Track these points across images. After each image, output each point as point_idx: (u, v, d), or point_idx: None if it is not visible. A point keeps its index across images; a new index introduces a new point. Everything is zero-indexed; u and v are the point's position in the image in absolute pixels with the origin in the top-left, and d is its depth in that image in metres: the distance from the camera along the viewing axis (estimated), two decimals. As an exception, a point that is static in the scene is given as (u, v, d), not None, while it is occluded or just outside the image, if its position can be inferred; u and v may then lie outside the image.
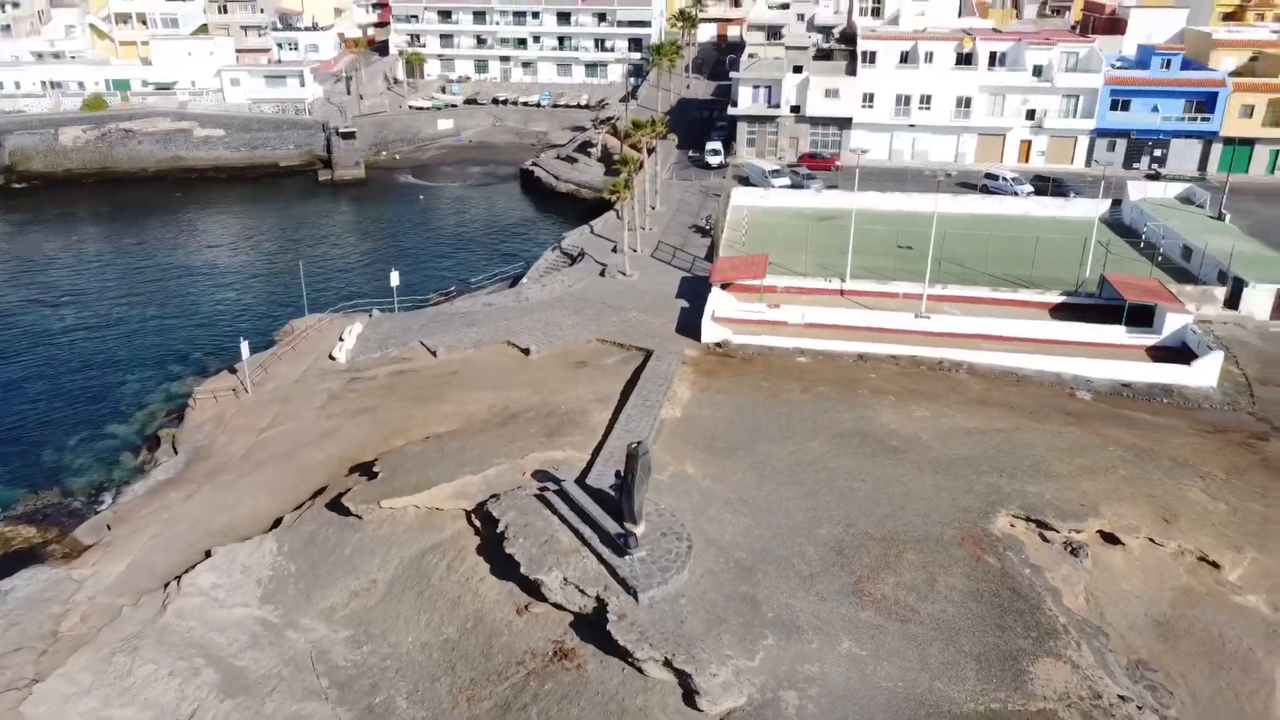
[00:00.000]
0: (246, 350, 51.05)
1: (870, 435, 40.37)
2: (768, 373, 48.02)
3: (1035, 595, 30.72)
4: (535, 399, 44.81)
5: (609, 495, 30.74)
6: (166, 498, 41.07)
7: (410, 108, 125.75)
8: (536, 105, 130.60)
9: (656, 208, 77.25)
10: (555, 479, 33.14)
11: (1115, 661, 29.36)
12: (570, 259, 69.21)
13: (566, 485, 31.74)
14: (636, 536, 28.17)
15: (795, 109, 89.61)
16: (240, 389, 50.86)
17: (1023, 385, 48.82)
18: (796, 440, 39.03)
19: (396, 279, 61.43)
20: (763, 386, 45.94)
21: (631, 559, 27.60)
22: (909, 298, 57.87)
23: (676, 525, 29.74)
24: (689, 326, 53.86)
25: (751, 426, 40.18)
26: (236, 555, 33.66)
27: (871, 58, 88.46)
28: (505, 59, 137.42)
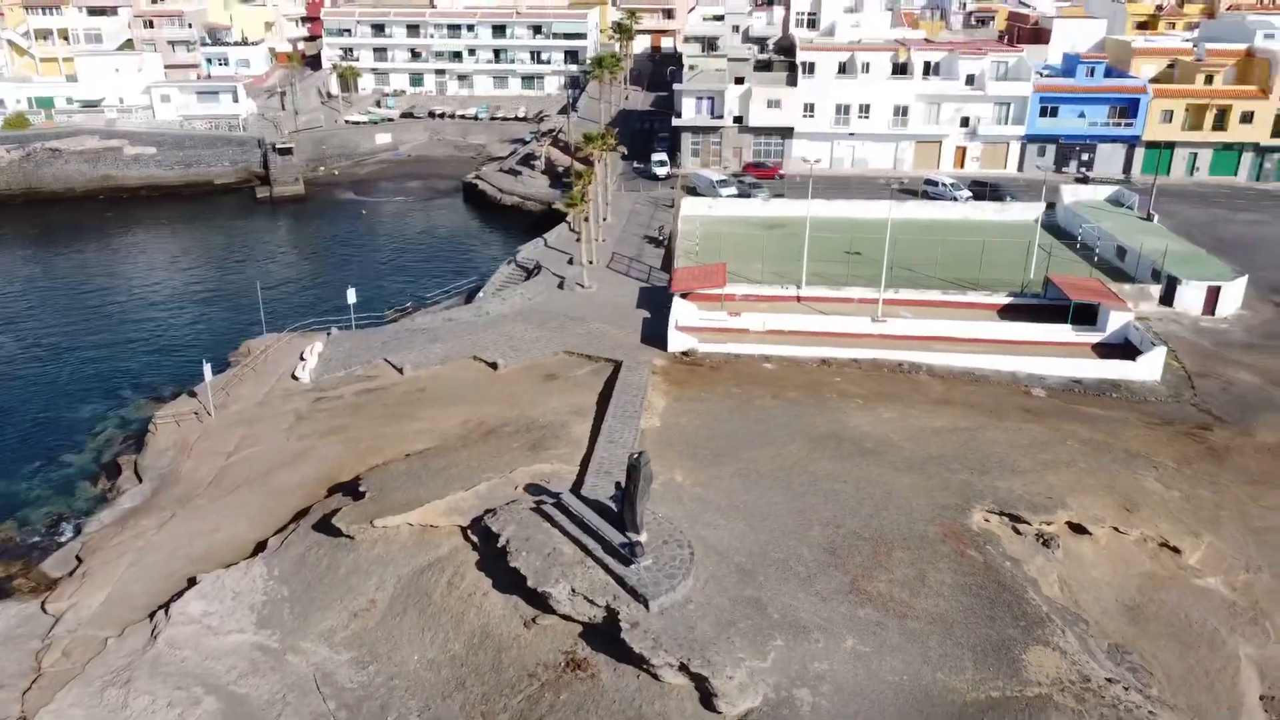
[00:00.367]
0: (209, 372, 50.17)
1: (845, 438, 41.48)
2: (737, 380, 48.90)
3: (1018, 586, 32.02)
4: (510, 413, 44.96)
5: (606, 506, 31.16)
6: (138, 526, 40.19)
7: (346, 122, 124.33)
8: (474, 118, 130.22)
9: (608, 219, 77.83)
10: (548, 492, 33.43)
11: (1097, 646, 30.78)
12: (526, 272, 69.36)
13: (565, 497, 32.07)
14: (642, 545, 28.65)
15: (738, 119, 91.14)
16: (203, 412, 49.93)
17: (981, 384, 50.54)
18: (776, 445, 39.92)
19: (354, 296, 60.90)
20: (734, 393, 46.79)
21: (638, 567, 28.07)
22: (864, 302, 59.32)
23: (676, 533, 30.30)
24: (654, 336, 54.51)
25: (731, 433, 40.97)
26: (225, 581, 33.19)
27: (811, 69, 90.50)
28: (441, 72, 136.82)
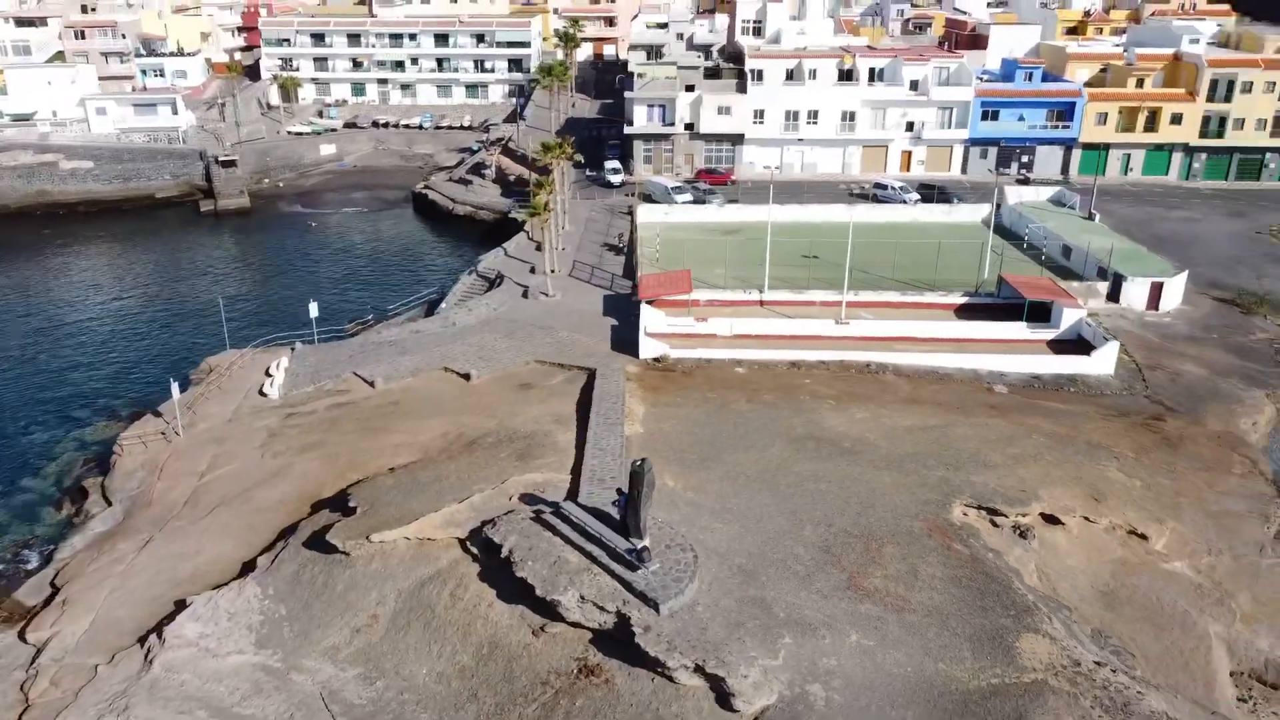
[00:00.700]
0: (177, 391, 49.31)
1: (823, 439, 42.40)
2: (711, 384, 49.59)
3: (1004, 576, 33.17)
4: (490, 424, 45.02)
5: (606, 513, 31.53)
6: (116, 550, 39.39)
7: (289, 133, 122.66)
8: (419, 127, 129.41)
9: (566, 227, 78.07)
10: (545, 501, 33.66)
11: (1081, 631, 32.03)
12: (489, 282, 69.28)
13: (566, 506, 32.34)
14: (649, 550, 29.09)
15: (689, 126, 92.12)
16: (170, 431, 49.03)
17: (945, 383, 51.97)
18: (758, 448, 40.67)
19: (315, 310, 60.24)
20: (710, 398, 47.47)
21: (646, 572, 28.50)
22: (826, 305, 60.50)
23: (678, 537, 30.79)
24: (624, 343, 54.95)
25: (713, 437, 41.62)
26: (219, 602, 32.78)
27: (759, 75, 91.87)
28: (383, 81, 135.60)
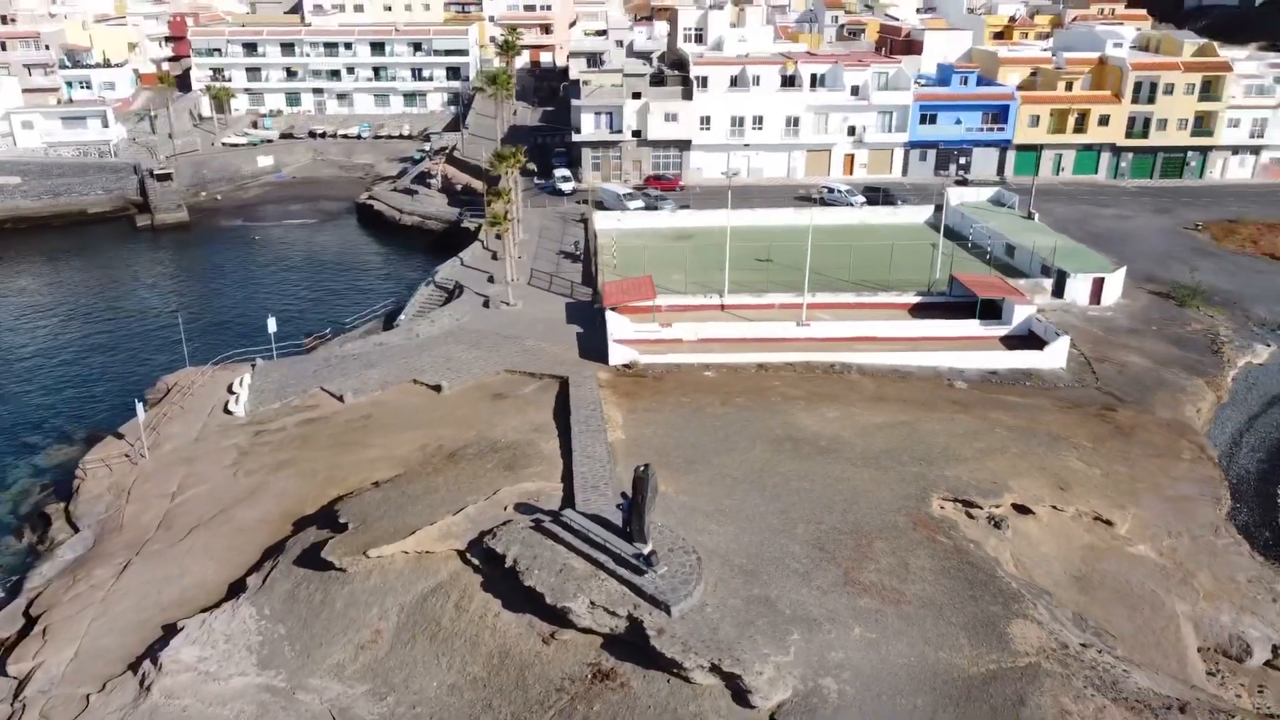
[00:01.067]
0: (142, 412, 48.27)
1: (800, 439, 43.37)
2: (683, 389, 50.27)
3: (988, 566, 34.42)
4: (468, 435, 45.03)
5: (606, 519, 31.95)
6: (92, 576, 38.46)
7: (224, 145, 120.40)
8: (357, 137, 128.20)
9: (521, 236, 78.11)
10: (541, 510, 33.92)
11: (1063, 615, 33.40)
12: (447, 293, 69.03)
13: (568, 514, 32.64)
14: (657, 554, 29.59)
15: (637, 133, 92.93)
16: (135, 453, 47.97)
17: (908, 380, 53.43)
18: (740, 450, 41.46)
19: (274, 325, 59.51)
20: (684, 402, 48.14)
21: (654, 576, 28.99)
22: (785, 308, 61.71)
23: (679, 540, 31.35)
24: (592, 350, 55.34)
25: (695, 441, 42.28)
26: (213, 625, 32.34)
27: (704, 82, 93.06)
28: (319, 91, 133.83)
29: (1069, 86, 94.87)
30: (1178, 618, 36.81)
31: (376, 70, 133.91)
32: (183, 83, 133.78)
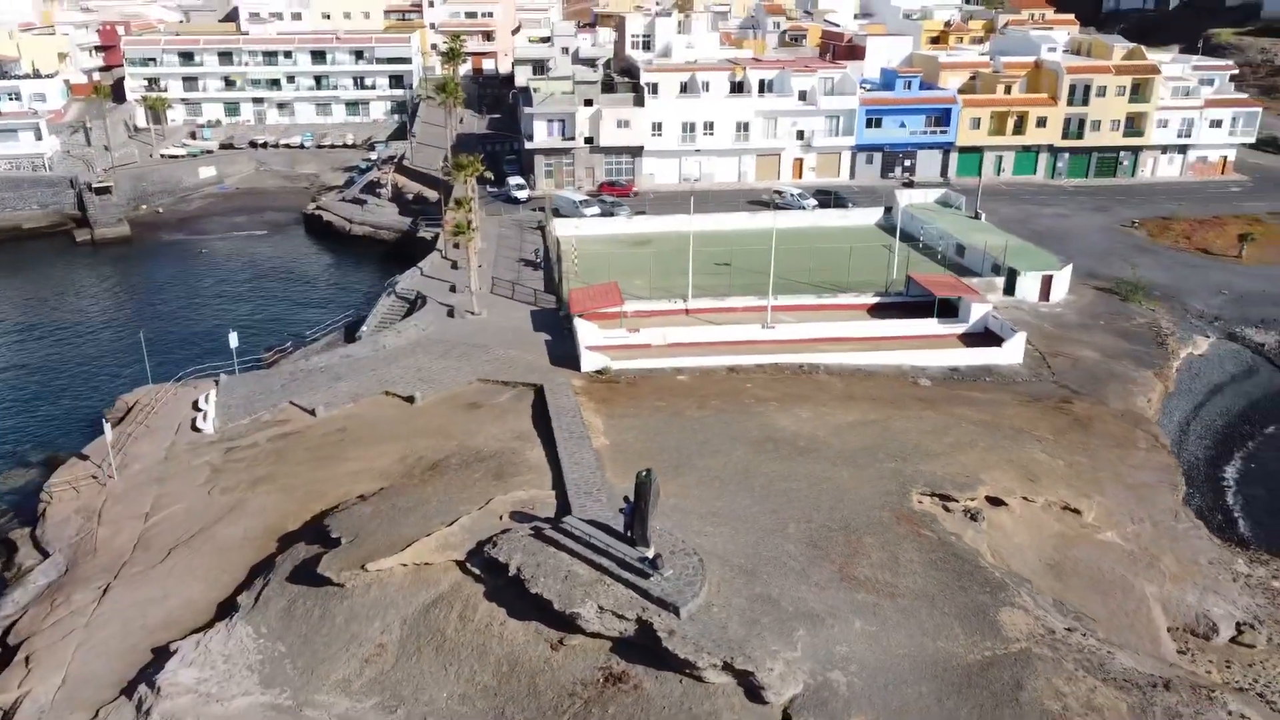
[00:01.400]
0: (109, 432, 47.30)
1: (779, 440, 44.23)
2: (658, 394, 50.82)
3: (971, 557, 35.61)
4: (449, 445, 45.02)
5: (605, 525, 32.33)
6: (71, 601, 37.66)
7: (163, 156, 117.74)
8: (300, 146, 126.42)
9: (480, 245, 77.86)
10: (539, 518, 34.16)
11: (1045, 602, 34.69)
12: (408, 303, 68.65)
13: (569, 521, 32.93)
14: (662, 557, 30.07)
15: (589, 140, 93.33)
16: (103, 474, 46.94)
17: (874, 379, 54.70)
18: (722, 453, 42.16)
19: (235, 340, 58.65)
20: (660, 407, 48.70)
21: (660, 579, 29.46)
22: (748, 310, 62.69)
23: (679, 542, 31.87)
24: (563, 357, 55.60)
25: (677, 445, 42.86)
26: (209, 645, 31.95)
27: (655, 89, 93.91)
28: (259, 100, 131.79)
29: (1007, 90, 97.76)
30: (1148, 600, 38.45)
31: (318, 79, 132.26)
32: (116, 93, 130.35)
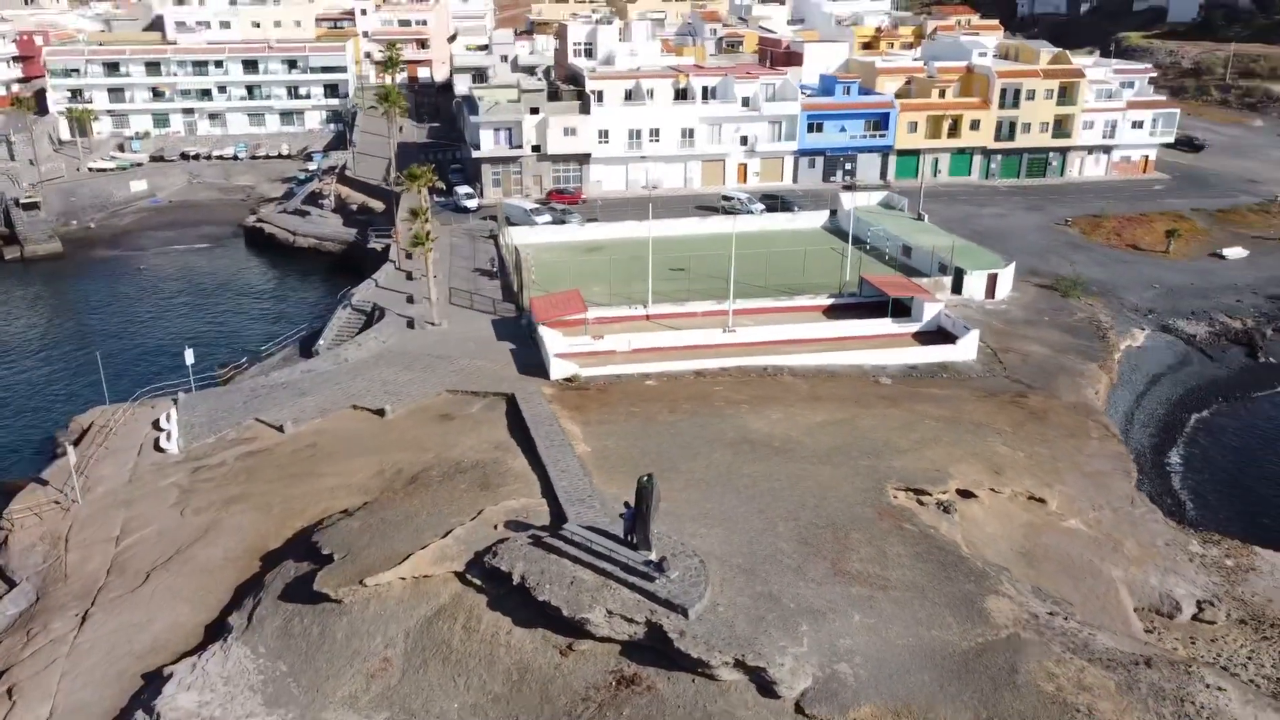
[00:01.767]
0: (73, 455, 46.08)
1: (754, 441, 45.11)
2: (629, 399, 51.32)
3: (952, 548, 36.89)
4: (426, 457, 44.91)
5: (604, 530, 32.75)
6: (50, 630, 36.70)
7: (90, 170, 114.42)
8: (234, 158, 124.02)
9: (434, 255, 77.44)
10: (535, 526, 34.40)
11: (1025, 589, 36.11)
12: (365, 315, 68.02)
13: (570, 528, 33.24)
14: (666, 560, 30.59)
15: (536, 148, 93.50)
16: (66, 499, 45.71)
17: (837, 379, 56.01)
18: (702, 456, 42.86)
19: (191, 357, 57.43)
20: (634, 412, 49.23)
21: (666, 581, 29.97)
22: (708, 315, 63.65)
23: (678, 545, 32.43)
24: (530, 366, 55.77)
25: (658, 450, 43.42)
26: (206, 668, 31.50)
27: (600, 96, 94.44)
28: (189, 111, 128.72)
29: (942, 94, 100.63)
30: (1115, 583, 40.25)
31: (250, 89, 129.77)
32: (39, 105, 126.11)
